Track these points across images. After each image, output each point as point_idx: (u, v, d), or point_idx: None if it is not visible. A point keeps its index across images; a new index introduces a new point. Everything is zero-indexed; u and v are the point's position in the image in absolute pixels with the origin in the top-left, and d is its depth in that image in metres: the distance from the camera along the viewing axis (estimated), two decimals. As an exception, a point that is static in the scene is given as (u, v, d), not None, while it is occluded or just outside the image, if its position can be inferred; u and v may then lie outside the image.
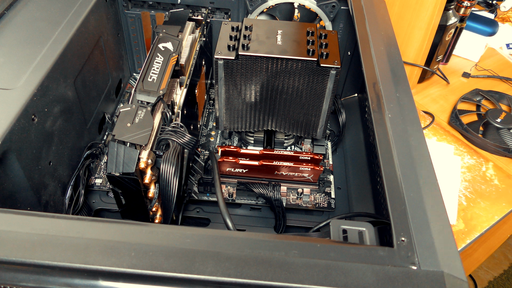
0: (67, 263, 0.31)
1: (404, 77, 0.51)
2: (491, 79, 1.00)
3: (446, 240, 0.35)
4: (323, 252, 0.34)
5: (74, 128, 0.57)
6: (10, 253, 0.32)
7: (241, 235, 0.35)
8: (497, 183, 0.76)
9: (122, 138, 0.45)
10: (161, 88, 0.51)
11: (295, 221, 0.62)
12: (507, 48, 1.10)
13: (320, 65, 0.56)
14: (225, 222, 0.49)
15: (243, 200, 0.63)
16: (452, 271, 0.33)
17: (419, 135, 0.44)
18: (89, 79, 0.60)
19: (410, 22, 0.83)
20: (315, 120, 0.62)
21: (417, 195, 0.38)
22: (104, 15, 0.65)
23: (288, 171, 0.60)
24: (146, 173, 0.47)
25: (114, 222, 0.35)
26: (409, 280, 0.32)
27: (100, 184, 0.62)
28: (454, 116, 0.87)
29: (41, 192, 0.49)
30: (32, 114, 0.45)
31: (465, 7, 0.90)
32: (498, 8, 1.16)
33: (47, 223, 0.34)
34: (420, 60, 0.88)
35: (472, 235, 0.69)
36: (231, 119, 0.64)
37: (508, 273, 1.50)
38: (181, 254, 0.32)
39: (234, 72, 0.58)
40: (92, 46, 0.61)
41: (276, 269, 0.32)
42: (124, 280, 0.31)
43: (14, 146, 0.43)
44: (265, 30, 0.60)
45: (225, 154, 0.59)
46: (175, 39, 0.58)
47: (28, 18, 0.55)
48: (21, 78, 0.46)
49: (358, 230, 0.38)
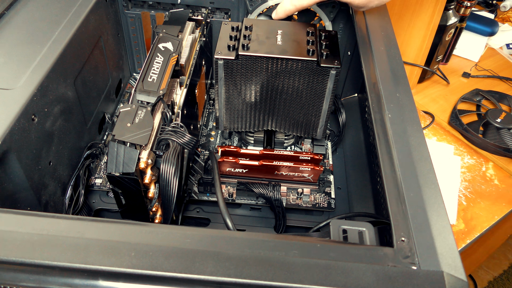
0: (67, 263, 0.31)
1: (404, 77, 0.51)
2: (491, 79, 1.00)
3: (446, 240, 0.35)
4: (323, 252, 0.34)
5: (74, 128, 0.57)
6: (10, 253, 0.32)
7: (241, 235, 0.35)
8: (497, 183, 0.76)
9: (122, 138, 0.45)
10: (161, 88, 0.51)
11: (295, 221, 0.62)
12: (507, 48, 1.10)
13: (320, 65, 0.56)
14: (225, 222, 0.49)
15: (243, 200, 0.63)
16: (452, 271, 0.33)
17: (419, 135, 0.44)
18: (89, 79, 0.60)
19: (410, 22, 0.83)
20: (315, 120, 0.62)
21: (417, 195, 0.38)
22: (104, 15, 0.65)
23: (288, 171, 0.60)
24: (146, 173, 0.47)
25: (114, 222, 0.35)
26: (409, 280, 0.32)
27: (100, 184, 0.62)
28: (454, 116, 0.87)
29: (41, 192, 0.49)
30: (32, 114, 0.45)
31: (465, 7, 0.90)
32: (498, 8, 1.16)
33: (47, 223, 0.34)
34: (420, 60, 0.88)
35: (472, 235, 0.69)
36: (231, 119, 0.64)
37: (508, 273, 1.50)
38: (181, 254, 0.32)
39: (234, 72, 0.58)
40: (92, 46, 0.61)
41: (276, 269, 0.32)
42: (124, 280, 0.31)
43: (14, 146, 0.43)
44: (265, 30, 0.60)
45: (225, 154, 0.59)
46: (175, 39, 0.58)
47: (28, 18, 0.55)
48: (21, 78, 0.46)
49: (358, 230, 0.38)
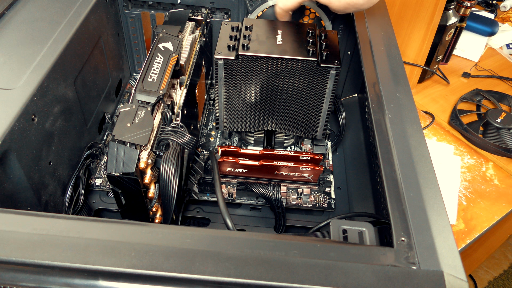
0: (67, 263, 0.31)
1: (404, 77, 0.51)
2: (491, 79, 1.00)
3: (446, 240, 0.35)
4: (323, 252, 0.34)
5: (74, 128, 0.57)
6: (10, 253, 0.32)
7: (241, 235, 0.35)
8: (497, 183, 0.76)
9: (122, 138, 0.45)
10: (161, 88, 0.51)
11: (295, 221, 0.62)
12: (507, 48, 1.10)
13: (320, 65, 0.56)
14: (225, 222, 0.49)
15: (243, 200, 0.63)
16: (452, 271, 0.33)
17: (419, 135, 0.44)
18: (89, 79, 0.60)
19: (410, 22, 0.83)
20: (315, 120, 0.62)
21: (417, 195, 0.38)
22: (104, 15, 0.65)
23: (288, 171, 0.60)
24: (146, 173, 0.47)
25: (114, 222, 0.35)
26: (409, 280, 0.32)
27: (100, 184, 0.62)
28: (454, 116, 0.87)
29: (41, 192, 0.49)
30: (32, 114, 0.45)
31: (465, 7, 0.90)
32: (498, 8, 1.15)
33: (47, 223, 0.34)
34: (420, 60, 0.88)
35: (472, 235, 0.69)
36: (231, 119, 0.64)
37: (508, 273, 1.50)
38: (181, 254, 0.32)
39: (234, 72, 0.58)
40: (92, 46, 0.61)
41: (276, 269, 0.32)
42: (124, 280, 0.31)
43: (14, 146, 0.43)
44: (265, 30, 0.60)
45: (225, 154, 0.59)
46: (175, 39, 0.58)
47: (28, 18, 0.55)
48: (21, 78, 0.46)
49: (358, 230, 0.38)
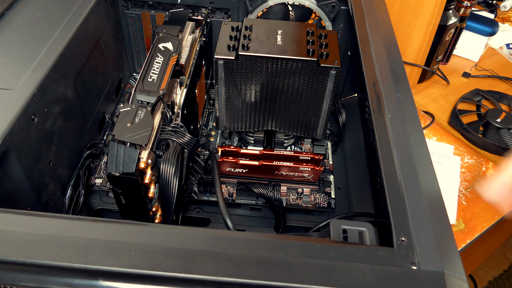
0: (67, 263, 0.31)
1: (404, 77, 0.51)
2: (491, 79, 1.00)
3: (446, 240, 0.35)
4: (323, 252, 0.34)
5: (74, 128, 0.57)
6: (10, 253, 0.32)
7: (241, 235, 0.35)
8: (497, 183, 0.76)
9: (122, 138, 0.45)
10: (161, 88, 0.51)
11: (295, 221, 0.62)
12: (507, 48, 1.10)
13: (320, 65, 0.56)
14: (225, 222, 0.49)
15: (243, 200, 0.63)
16: (452, 271, 0.33)
17: (419, 135, 0.44)
18: (89, 79, 0.60)
19: (410, 22, 0.83)
20: (315, 120, 0.62)
21: (417, 195, 0.38)
22: (104, 15, 0.65)
23: (288, 171, 0.60)
24: (146, 173, 0.47)
25: (114, 222, 0.35)
26: (409, 280, 0.32)
27: (100, 184, 0.62)
28: (454, 116, 0.87)
29: (41, 192, 0.49)
30: (32, 114, 0.45)
31: (465, 7, 0.90)
32: (498, 8, 1.15)
33: (47, 223, 0.34)
34: (420, 60, 0.88)
35: (472, 235, 0.69)
36: (231, 119, 0.63)
37: (508, 273, 1.50)
38: (181, 254, 0.32)
39: (234, 72, 0.58)
40: (92, 46, 0.61)
41: (276, 269, 0.32)
42: (124, 280, 0.31)
43: (14, 146, 0.43)
44: (265, 30, 0.60)
45: (225, 154, 0.59)
46: (175, 39, 0.58)
47: (28, 18, 0.55)
48: (21, 78, 0.46)
49: (358, 230, 0.38)
